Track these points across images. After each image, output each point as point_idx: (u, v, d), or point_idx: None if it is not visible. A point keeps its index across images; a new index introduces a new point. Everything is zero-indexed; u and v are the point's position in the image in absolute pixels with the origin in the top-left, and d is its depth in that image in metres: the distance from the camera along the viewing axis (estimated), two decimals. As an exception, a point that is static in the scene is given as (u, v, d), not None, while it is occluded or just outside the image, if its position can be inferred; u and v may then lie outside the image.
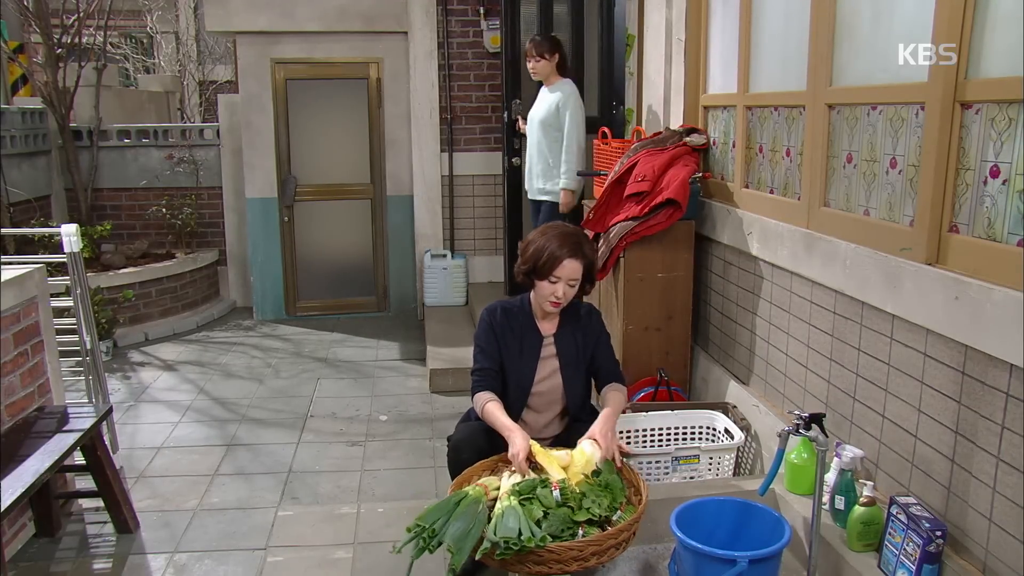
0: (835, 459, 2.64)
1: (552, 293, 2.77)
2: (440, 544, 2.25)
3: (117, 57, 11.19)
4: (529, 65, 4.95)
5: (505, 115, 5.83)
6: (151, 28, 11.40)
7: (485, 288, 6.50)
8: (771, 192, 3.42)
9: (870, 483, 2.48)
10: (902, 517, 2.26)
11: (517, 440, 2.62)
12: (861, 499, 2.44)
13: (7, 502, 2.58)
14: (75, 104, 6.87)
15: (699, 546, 2.24)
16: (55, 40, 6.56)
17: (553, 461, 2.58)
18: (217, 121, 7.42)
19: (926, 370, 2.33)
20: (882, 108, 2.59)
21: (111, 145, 7.22)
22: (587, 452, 2.60)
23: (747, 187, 3.64)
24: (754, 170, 3.59)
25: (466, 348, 5.47)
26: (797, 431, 2.30)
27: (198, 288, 7.02)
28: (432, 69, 6.49)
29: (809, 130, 3.03)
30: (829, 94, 2.88)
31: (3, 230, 5.62)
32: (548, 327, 2.93)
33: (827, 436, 2.30)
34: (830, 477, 2.65)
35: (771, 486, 2.41)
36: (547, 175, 5.00)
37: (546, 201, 5.05)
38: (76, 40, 6.71)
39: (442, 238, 6.79)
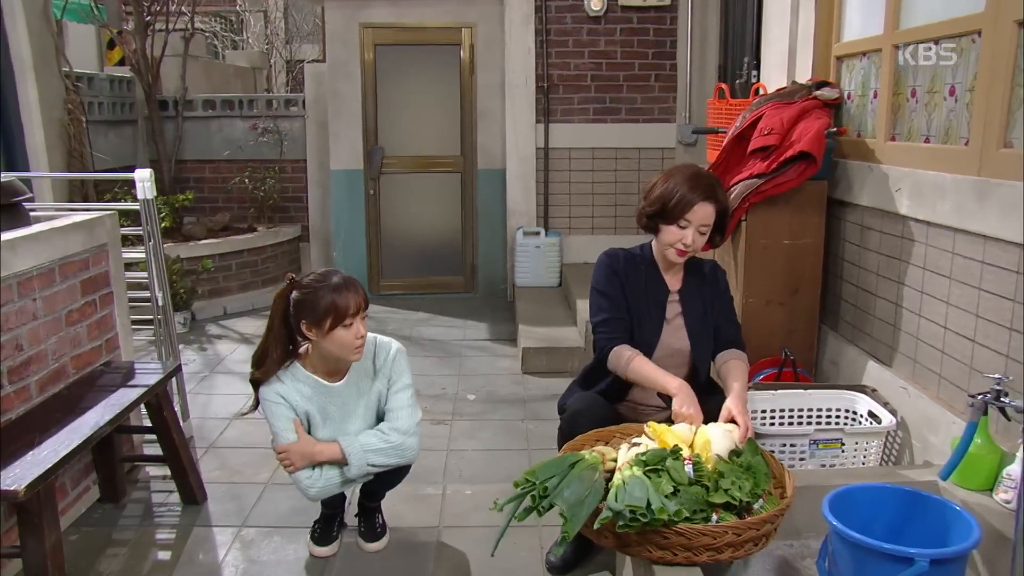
0: (1021, 448, 2.17)
1: (680, 239, 2.41)
2: (551, 507, 1.88)
3: (206, 34, 11.20)
4: (359, 331, 2.45)
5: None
6: (240, 6, 11.37)
7: (581, 268, 6.04)
8: (926, 141, 2.94)
9: (1074, 477, 2.01)
10: None
11: (686, 397, 2.30)
12: (1065, 496, 1.97)
13: (62, 453, 2.33)
14: (162, 75, 6.76)
15: (865, 539, 1.81)
16: (145, 7, 6.44)
17: (678, 438, 2.18)
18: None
19: None
20: (1099, 14, 2.11)
21: (196, 116, 7.10)
22: (712, 435, 2.19)
23: (894, 139, 3.16)
24: (903, 119, 3.11)
25: (561, 328, 5.11)
26: (998, 398, 1.83)
27: (279, 263, 6.80)
28: (528, 35, 6.07)
29: (986, 58, 2.54)
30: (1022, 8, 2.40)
31: (80, 175, 5.66)
32: (674, 281, 2.55)
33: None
34: (1014, 470, 2.18)
35: (935, 478, 1.95)
36: None
37: None
38: (166, 11, 6.62)
39: (535, 214, 6.36)
